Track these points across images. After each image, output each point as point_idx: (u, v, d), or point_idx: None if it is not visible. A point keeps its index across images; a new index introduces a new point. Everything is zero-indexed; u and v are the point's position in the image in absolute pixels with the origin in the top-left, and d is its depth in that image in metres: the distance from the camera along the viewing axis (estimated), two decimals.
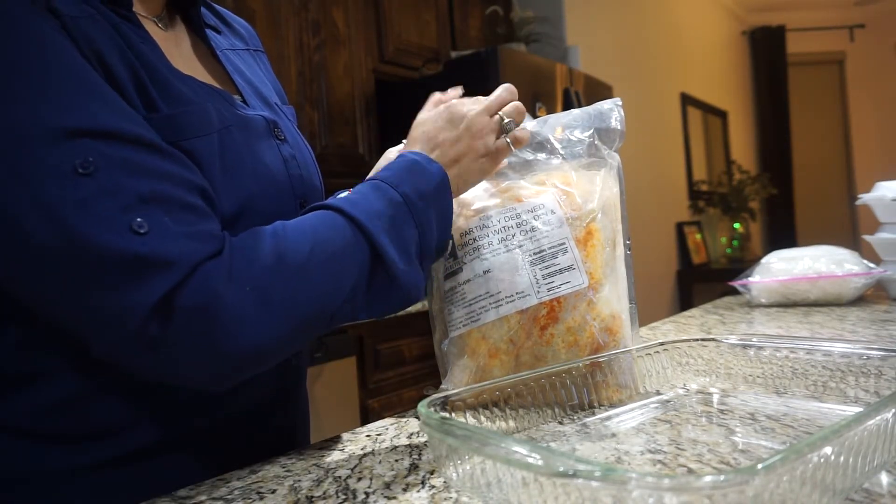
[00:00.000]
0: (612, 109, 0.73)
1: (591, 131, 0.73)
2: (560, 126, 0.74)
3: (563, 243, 0.67)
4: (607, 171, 0.72)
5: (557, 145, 0.73)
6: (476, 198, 0.72)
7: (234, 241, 0.52)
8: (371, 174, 0.82)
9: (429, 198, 0.60)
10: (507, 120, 0.66)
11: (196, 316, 0.47)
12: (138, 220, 0.46)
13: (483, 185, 0.72)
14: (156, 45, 0.60)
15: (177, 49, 0.66)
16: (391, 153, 0.76)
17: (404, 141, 0.72)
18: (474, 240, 0.68)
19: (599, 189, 0.70)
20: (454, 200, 0.65)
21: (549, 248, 0.67)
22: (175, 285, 0.46)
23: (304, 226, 0.55)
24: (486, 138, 0.64)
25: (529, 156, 0.73)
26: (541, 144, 0.73)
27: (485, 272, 0.67)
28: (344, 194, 0.60)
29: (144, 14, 0.63)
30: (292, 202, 0.65)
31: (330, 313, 0.54)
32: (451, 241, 0.66)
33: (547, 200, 0.69)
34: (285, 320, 0.51)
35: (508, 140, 0.66)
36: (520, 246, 0.67)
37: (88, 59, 0.50)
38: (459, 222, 0.70)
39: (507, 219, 0.68)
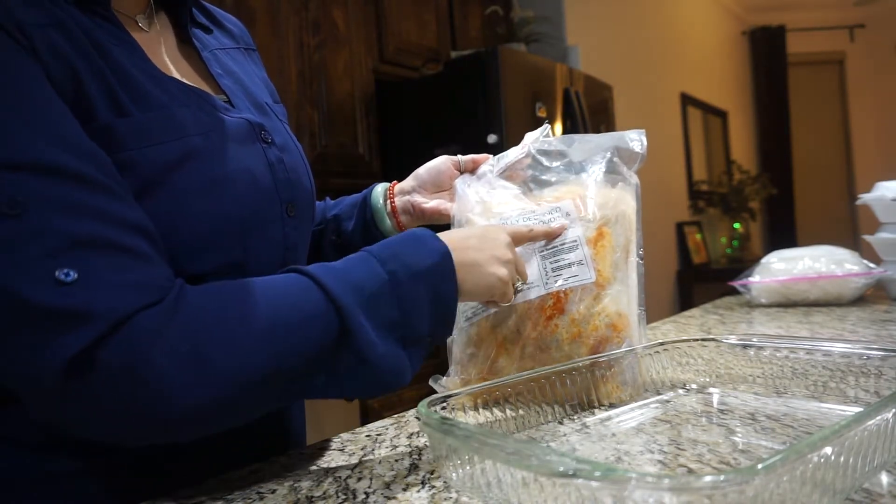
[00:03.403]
0: (635, 137, 0.76)
1: (612, 149, 0.76)
2: (583, 142, 0.78)
3: (575, 241, 0.70)
4: (625, 186, 0.75)
5: (579, 163, 0.77)
6: (500, 202, 0.76)
7: (188, 291, 0.48)
8: (409, 177, 0.84)
9: (422, 277, 0.54)
10: (520, 283, 0.67)
11: (120, 373, 0.43)
12: (65, 267, 0.43)
13: (509, 193, 0.76)
14: (134, 46, 0.59)
15: (161, 49, 0.65)
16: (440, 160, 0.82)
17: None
18: None
19: (615, 201, 0.73)
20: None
21: (561, 244, 0.70)
22: (97, 339, 0.42)
23: (268, 287, 0.50)
24: (504, 266, 0.62)
25: (553, 175, 0.77)
26: (566, 162, 0.77)
27: None
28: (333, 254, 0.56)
29: (125, 13, 0.62)
30: (276, 206, 0.64)
31: (281, 386, 0.49)
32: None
33: (564, 205, 0.73)
34: (224, 385, 0.46)
35: (515, 294, 0.67)
36: (534, 242, 0.71)
37: (52, 74, 0.49)
38: (481, 222, 0.74)
39: (525, 219, 0.73)
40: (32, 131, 0.45)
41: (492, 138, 2.24)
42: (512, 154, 0.79)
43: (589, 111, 2.68)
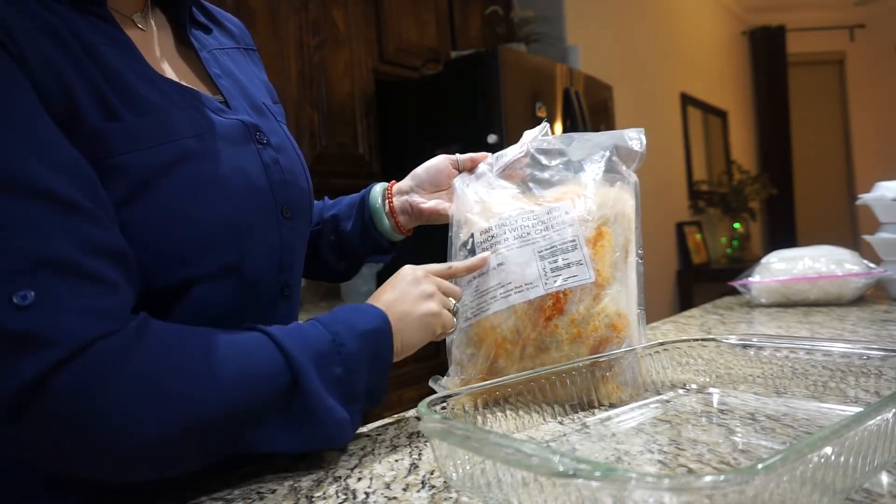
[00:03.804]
0: (635, 135, 0.76)
1: (611, 148, 0.75)
2: (582, 140, 0.78)
3: (574, 241, 0.70)
4: (623, 184, 0.75)
5: (578, 162, 0.76)
6: (499, 202, 0.75)
7: (153, 325, 0.48)
8: (407, 177, 0.84)
9: (362, 338, 0.57)
10: (454, 303, 0.69)
11: (77, 401, 0.42)
12: (23, 290, 0.42)
13: (508, 193, 0.76)
14: (129, 46, 0.58)
15: (157, 49, 0.64)
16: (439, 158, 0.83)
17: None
18: (492, 237, 0.72)
19: (613, 200, 0.73)
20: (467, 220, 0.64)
21: (560, 244, 0.70)
22: (53, 365, 0.41)
23: (228, 336, 0.52)
24: (431, 300, 0.65)
25: (552, 174, 0.77)
26: (565, 161, 0.77)
27: (498, 265, 0.71)
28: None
29: (122, 12, 0.62)
30: (272, 209, 0.63)
31: (233, 432, 0.50)
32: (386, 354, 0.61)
33: (563, 205, 0.72)
34: (181, 422, 0.46)
35: (455, 317, 0.69)
36: (533, 242, 0.71)
37: (41, 82, 0.48)
38: (480, 222, 0.74)
39: (524, 219, 0.72)
40: (6, 146, 0.44)
41: (492, 138, 2.24)
42: (510, 153, 0.78)
43: (589, 111, 2.68)
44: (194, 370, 0.48)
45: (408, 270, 0.68)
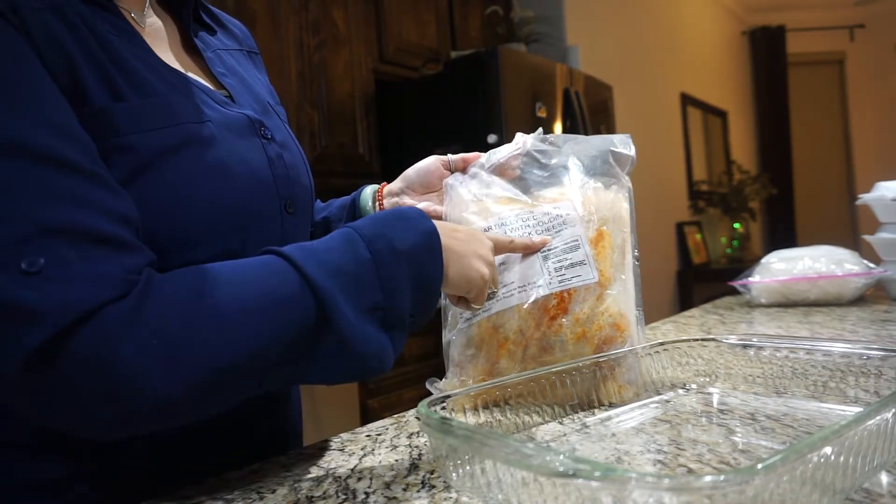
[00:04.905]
0: (623, 141, 0.77)
1: (606, 151, 0.76)
2: (576, 144, 0.78)
3: (577, 240, 0.70)
4: (619, 188, 0.76)
5: (575, 165, 0.76)
6: (497, 201, 0.75)
7: (156, 279, 0.47)
8: (398, 178, 0.82)
9: (405, 256, 0.53)
10: (491, 289, 0.67)
11: (88, 366, 0.42)
12: (32, 255, 0.41)
13: (504, 192, 0.76)
14: (134, 35, 0.58)
15: (162, 45, 0.64)
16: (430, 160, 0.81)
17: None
18: None
19: (611, 202, 0.74)
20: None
21: (563, 244, 0.70)
22: (62, 331, 0.41)
23: (242, 270, 0.49)
24: (486, 266, 0.62)
25: (547, 176, 0.76)
26: (559, 162, 0.77)
27: (500, 264, 0.70)
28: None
29: (125, 7, 0.62)
30: (275, 202, 0.63)
31: (259, 371, 0.48)
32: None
33: (562, 206, 0.72)
34: (195, 371, 0.45)
35: (488, 299, 0.67)
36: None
37: (46, 57, 0.48)
38: (479, 222, 0.74)
39: (524, 219, 0.72)
40: (14, 112, 0.44)
41: (492, 138, 2.24)
42: (503, 151, 0.78)
43: (589, 111, 2.68)
44: (207, 315, 0.46)
45: (480, 232, 0.65)
